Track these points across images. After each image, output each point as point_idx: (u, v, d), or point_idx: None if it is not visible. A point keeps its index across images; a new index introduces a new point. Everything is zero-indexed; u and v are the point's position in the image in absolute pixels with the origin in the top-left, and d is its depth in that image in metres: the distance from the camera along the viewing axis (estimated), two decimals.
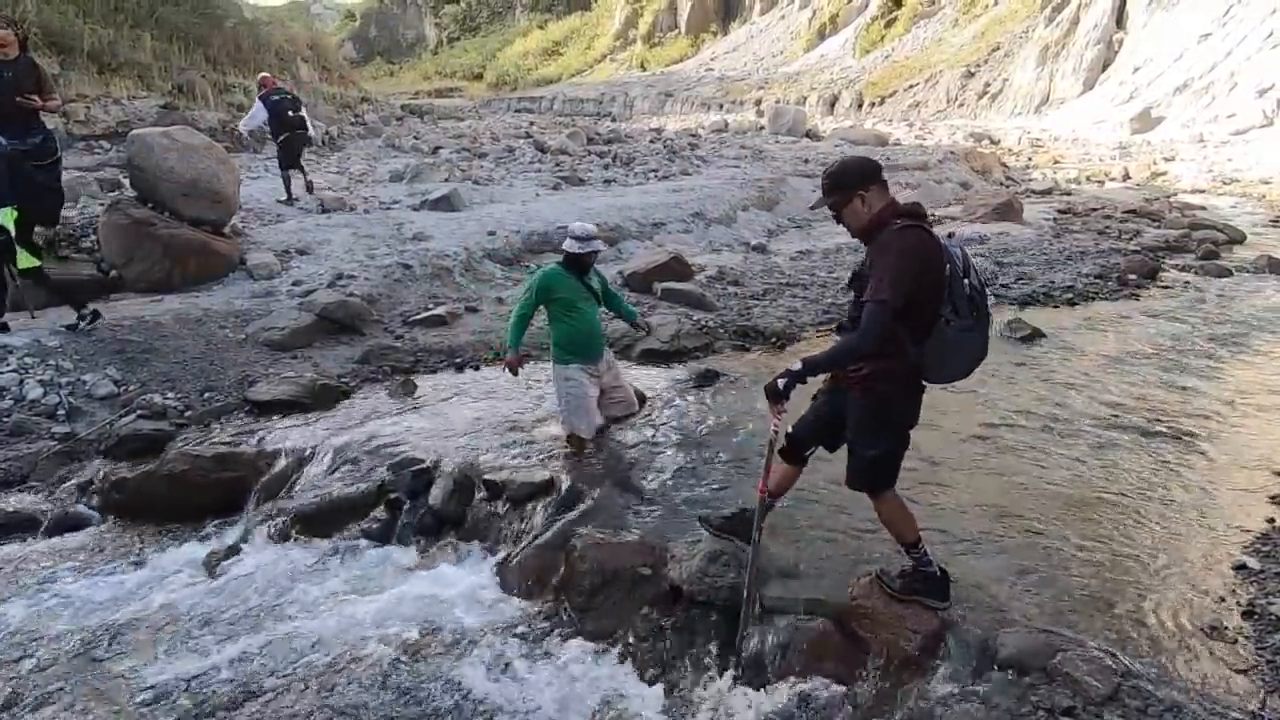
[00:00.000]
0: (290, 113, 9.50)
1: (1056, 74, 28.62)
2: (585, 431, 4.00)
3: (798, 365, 2.48)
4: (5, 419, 4.43)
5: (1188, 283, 7.88)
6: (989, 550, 3.10)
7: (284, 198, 9.44)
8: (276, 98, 9.54)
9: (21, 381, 4.69)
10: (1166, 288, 7.71)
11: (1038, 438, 4.20)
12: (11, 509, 3.83)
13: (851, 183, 2.50)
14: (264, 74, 10.73)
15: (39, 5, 12.25)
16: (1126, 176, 16.95)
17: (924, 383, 2.58)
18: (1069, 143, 22.27)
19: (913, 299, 2.38)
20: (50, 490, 4.05)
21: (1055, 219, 11.42)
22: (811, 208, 2.85)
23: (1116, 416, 4.51)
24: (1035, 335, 5.96)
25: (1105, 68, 27.44)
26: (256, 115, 9.76)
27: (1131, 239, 9.83)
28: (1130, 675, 2.42)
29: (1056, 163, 19.10)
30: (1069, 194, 14.54)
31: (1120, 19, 28.12)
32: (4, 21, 5.77)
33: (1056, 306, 7.01)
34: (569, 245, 4.00)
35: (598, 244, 4.07)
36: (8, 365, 4.78)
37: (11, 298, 5.32)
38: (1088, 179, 16.95)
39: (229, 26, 17.51)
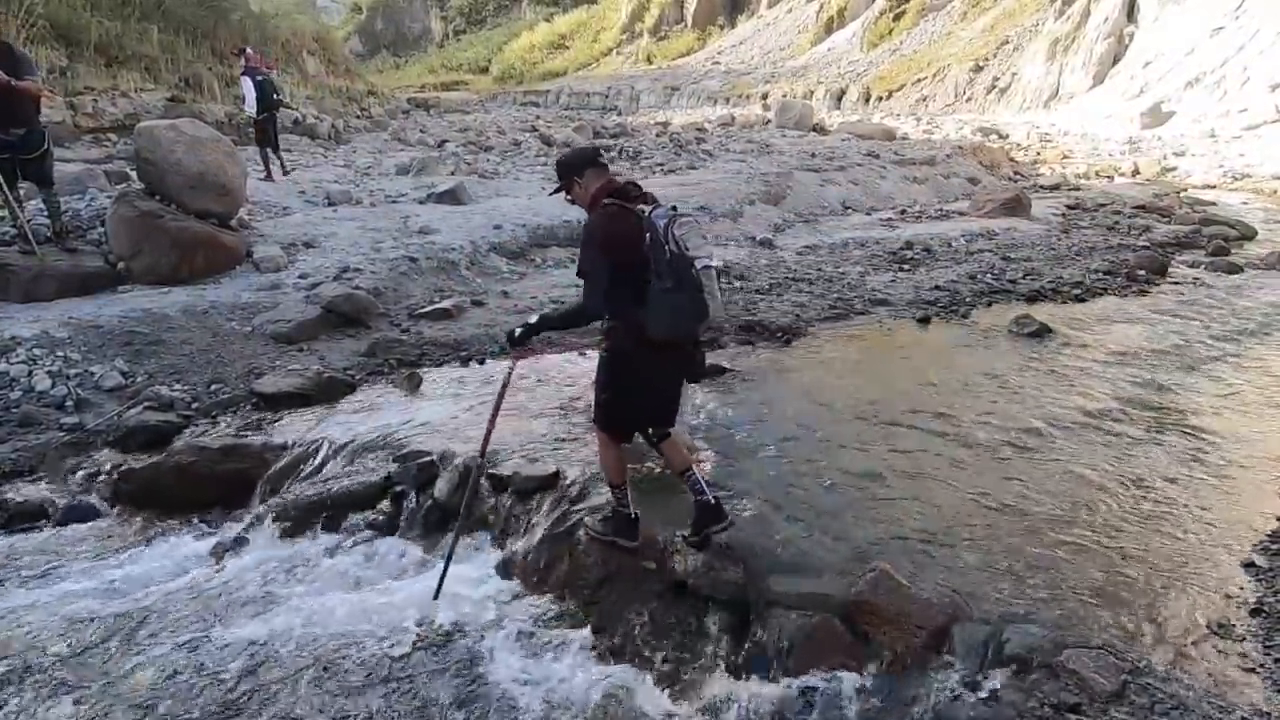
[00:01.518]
0: (275, 95, 10.41)
1: (1066, 68, 28.38)
2: None
3: (534, 318, 3.06)
4: (14, 410, 4.46)
5: (1197, 279, 7.82)
6: (994, 546, 3.09)
7: (263, 175, 10.03)
8: (260, 78, 10.27)
9: (30, 373, 4.71)
10: (1176, 284, 7.66)
11: (1044, 434, 4.18)
12: (20, 499, 3.85)
13: (568, 170, 2.98)
14: (248, 48, 11.16)
15: None
16: (1136, 172, 16.82)
17: (656, 341, 2.84)
18: (1078, 138, 22.09)
19: (617, 267, 2.78)
20: (58, 481, 4.07)
21: (1064, 214, 11.35)
22: (550, 194, 3.32)
23: (1124, 413, 4.49)
24: (1043, 331, 5.92)
25: (1115, 62, 27.19)
26: (250, 93, 10.32)
27: (1141, 235, 9.77)
28: (1137, 672, 2.41)
29: (1065, 158, 18.95)
30: (1078, 189, 14.44)
31: (1131, 13, 27.84)
32: None
33: (1064, 302, 6.97)
34: None
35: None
36: (16, 356, 4.80)
37: None
38: (1097, 174, 16.83)
39: (235, 20, 17.52)
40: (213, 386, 4.94)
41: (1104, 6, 28.33)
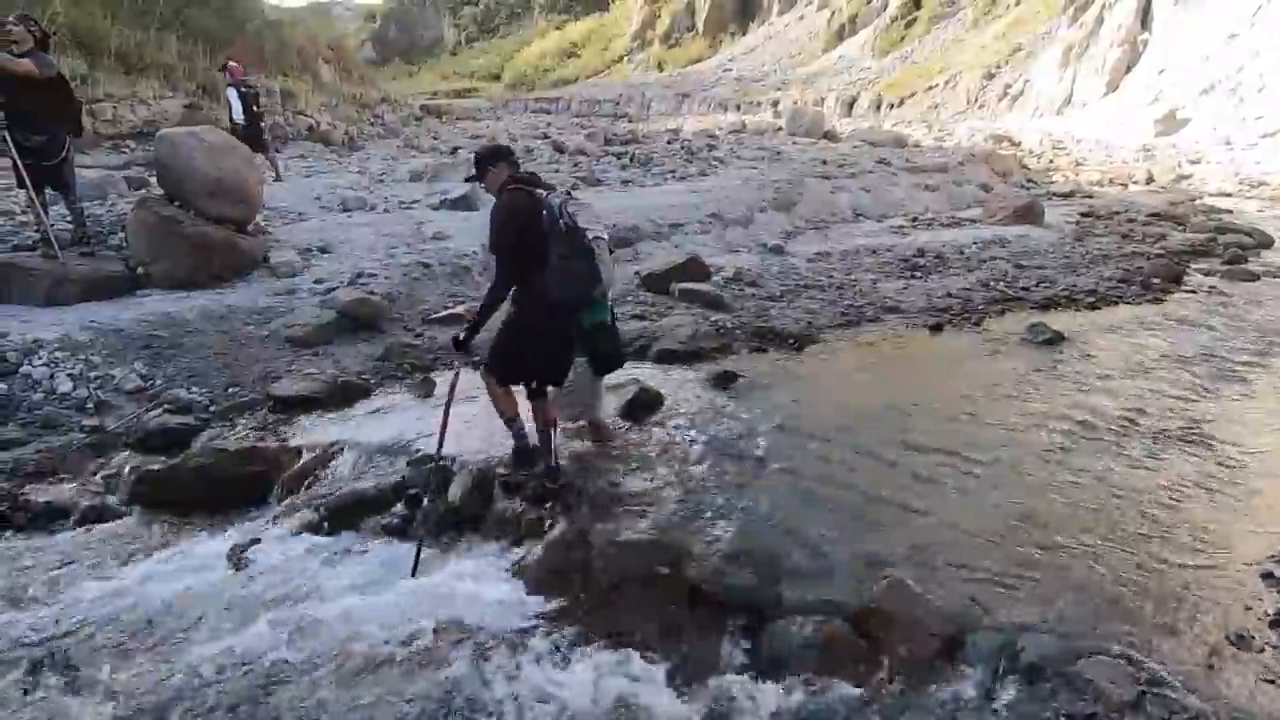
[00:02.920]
0: (255, 107, 10.67)
1: (1079, 75, 28.23)
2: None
3: (469, 323, 3.54)
4: (36, 412, 4.52)
5: (1213, 287, 7.76)
6: (1009, 555, 3.08)
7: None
8: (244, 90, 10.59)
9: (52, 375, 4.79)
10: (1191, 292, 7.60)
11: (1059, 442, 4.16)
12: (43, 500, 3.90)
13: (483, 162, 3.52)
14: (233, 63, 11.36)
15: (67, 6, 12.48)
16: (1150, 179, 16.69)
17: (556, 304, 3.34)
18: (1091, 145, 21.94)
19: (520, 242, 3.29)
20: (79, 482, 4.12)
21: (1077, 222, 11.28)
22: (466, 180, 3.92)
23: (1139, 422, 4.46)
24: (1056, 339, 5.90)
25: (1129, 69, 27.03)
26: (235, 102, 10.60)
27: (1155, 243, 9.69)
28: (1154, 683, 2.40)
29: (1078, 165, 18.83)
30: (1091, 197, 14.34)
31: (1145, 20, 27.68)
32: (17, 18, 5.80)
33: (1078, 310, 6.93)
34: None
35: None
36: (39, 359, 4.88)
37: None
38: (1110, 182, 16.71)
39: (252, 28, 17.76)
40: (230, 389, 5.00)
41: (1118, 13, 28.19)
